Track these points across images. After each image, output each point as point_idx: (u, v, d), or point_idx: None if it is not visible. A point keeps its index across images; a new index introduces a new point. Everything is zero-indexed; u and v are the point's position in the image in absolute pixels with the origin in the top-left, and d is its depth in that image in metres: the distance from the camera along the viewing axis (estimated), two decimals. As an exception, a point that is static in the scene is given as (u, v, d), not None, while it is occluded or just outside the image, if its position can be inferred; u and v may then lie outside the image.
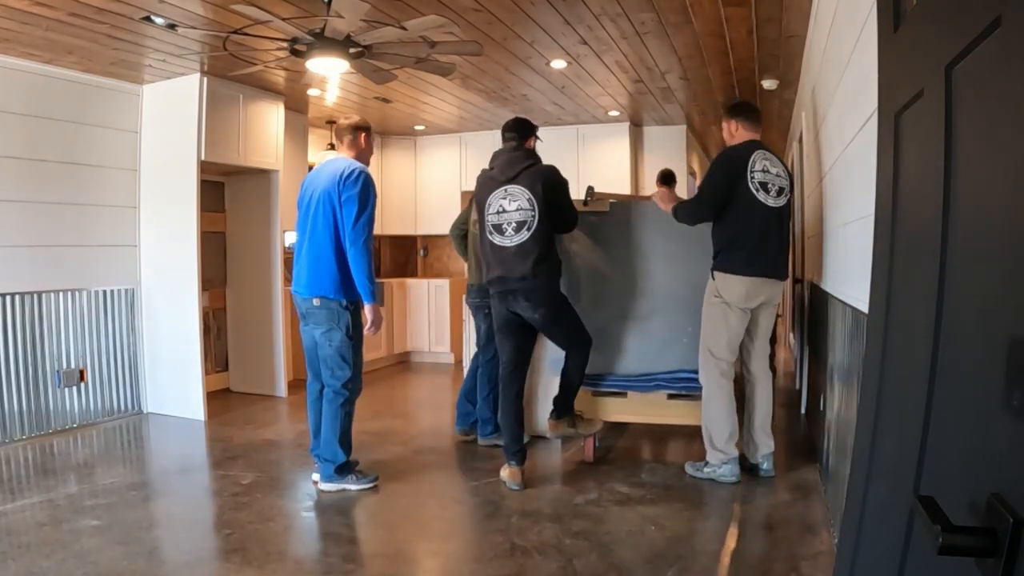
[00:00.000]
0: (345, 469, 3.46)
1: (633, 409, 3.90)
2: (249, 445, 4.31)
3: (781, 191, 3.42)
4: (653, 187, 6.38)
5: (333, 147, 3.78)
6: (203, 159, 4.95)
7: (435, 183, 7.74)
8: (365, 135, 3.55)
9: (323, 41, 3.44)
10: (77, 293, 4.77)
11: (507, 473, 3.51)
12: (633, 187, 6.98)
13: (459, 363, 7.00)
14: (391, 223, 7.77)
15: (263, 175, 5.70)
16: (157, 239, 5.11)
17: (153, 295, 5.16)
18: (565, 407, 3.67)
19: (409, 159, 7.83)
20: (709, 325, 3.50)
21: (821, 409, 3.53)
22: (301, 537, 3.06)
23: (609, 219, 3.96)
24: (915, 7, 1.08)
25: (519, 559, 2.68)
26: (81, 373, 4.80)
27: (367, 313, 3.42)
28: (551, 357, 4.02)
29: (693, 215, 3.52)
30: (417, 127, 7.33)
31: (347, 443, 3.47)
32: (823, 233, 3.62)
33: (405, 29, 3.34)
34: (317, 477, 3.52)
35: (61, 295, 4.67)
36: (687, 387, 3.75)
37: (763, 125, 6.95)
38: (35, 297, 4.51)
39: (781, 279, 3.52)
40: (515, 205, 3.41)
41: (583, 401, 3.85)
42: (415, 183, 7.86)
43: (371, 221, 3.38)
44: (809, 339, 4.51)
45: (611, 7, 3.73)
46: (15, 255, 4.39)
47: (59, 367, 4.66)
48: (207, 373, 5.32)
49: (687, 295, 3.79)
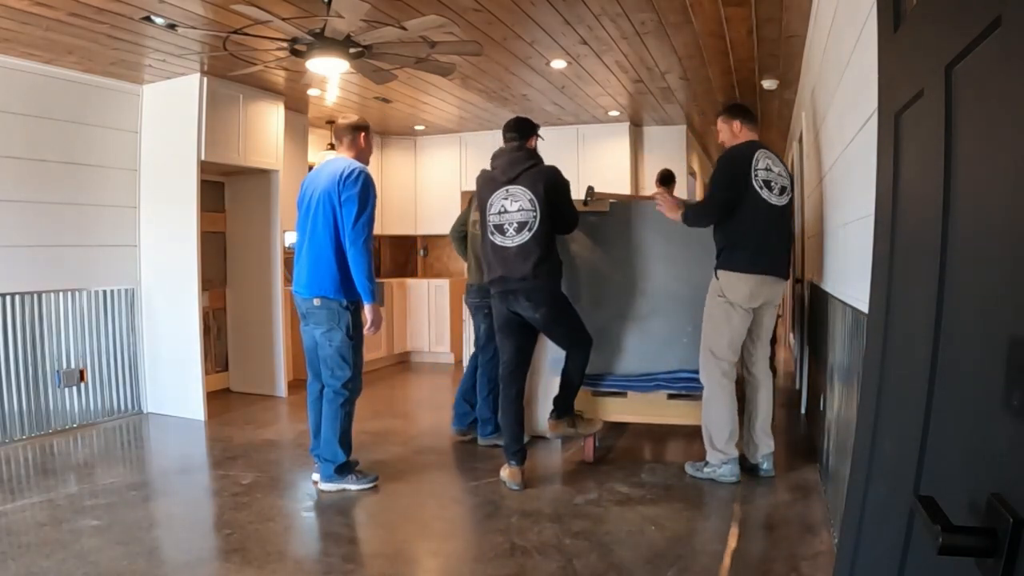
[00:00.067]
0: (345, 469, 3.46)
1: (633, 409, 3.90)
2: (249, 445, 4.31)
3: (783, 190, 3.43)
4: (653, 187, 6.39)
5: (333, 147, 3.79)
6: (203, 159, 4.96)
7: (435, 183, 7.74)
8: (364, 134, 3.55)
9: (323, 41, 3.44)
10: (77, 293, 4.77)
11: (507, 473, 3.51)
12: (633, 187, 6.98)
13: (459, 363, 7.01)
14: (391, 223, 7.77)
15: (263, 175, 5.70)
16: (157, 239, 5.11)
17: (153, 295, 5.16)
18: (565, 407, 3.67)
19: (409, 159, 7.83)
20: (711, 325, 3.49)
21: (821, 409, 3.53)
22: (301, 537, 3.06)
23: (609, 219, 3.96)
24: (915, 7, 1.08)
25: (519, 559, 2.68)
26: (81, 373, 4.80)
27: (367, 313, 3.42)
28: (551, 357, 4.02)
29: (705, 216, 3.49)
30: (417, 127, 7.33)
31: (347, 443, 3.47)
32: (823, 233, 3.62)
33: (405, 29, 3.34)
34: (317, 477, 3.52)
35: (61, 295, 4.67)
36: (687, 387, 3.76)
37: (763, 125, 7.03)
38: (35, 297, 4.51)
39: (784, 278, 3.52)
40: (516, 206, 3.41)
41: (583, 401, 3.85)
42: (415, 183, 7.86)
43: (371, 221, 3.38)
44: (809, 339, 4.51)
45: (611, 7, 3.74)
46: (15, 255, 4.40)
47: (59, 367, 4.66)
48: (207, 373, 5.32)
49: (687, 295, 3.80)
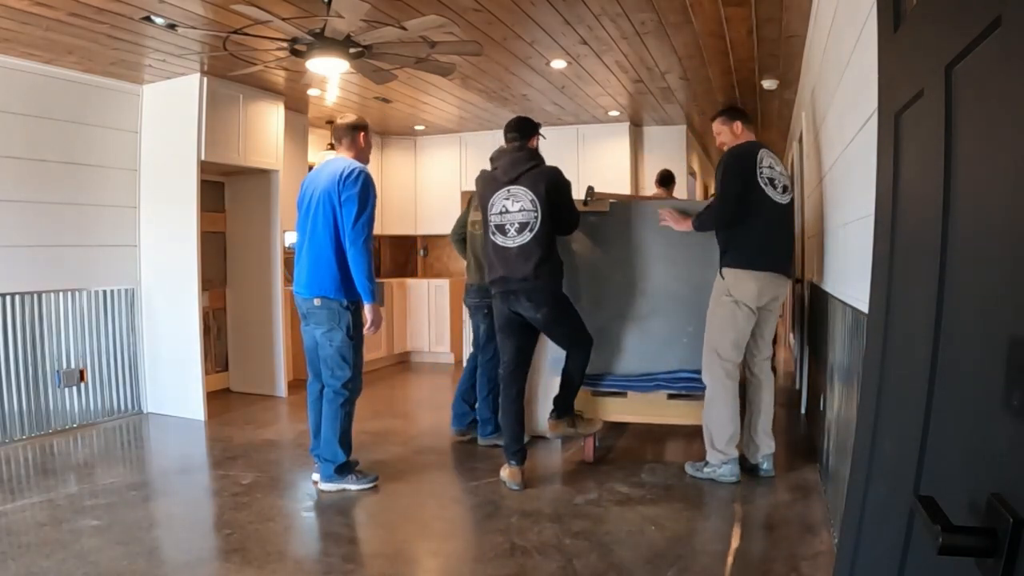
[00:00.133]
0: (345, 469, 3.46)
1: (633, 409, 3.90)
2: (249, 445, 4.31)
3: (785, 189, 3.45)
4: (653, 188, 6.38)
5: (333, 147, 3.79)
6: (203, 159, 4.95)
7: (435, 183, 7.74)
8: (364, 134, 3.55)
9: (323, 41, 3.44)
10: (77, 293, 4.77)
11: (507, 473, 3.51)
12: (633, 187, 6.98)
13: (459, 363, 7.00)
14: (391, 223, 7.77)
15: (263, 175, 5.70)
16: (157, 239, 5.11)
17: (153, 295, 5.16)
18: (565, 407, 3.67)
19: (409, 159, 7.83)
20: (716, 325, 3.46)
21: (821, 409, 3.53)
22: (301, 537, 3.06)
23: (609, 219, 3.96)
24: (915, 7, 1.08)
25: (519, 559, 2.68)
26: (81, 373, 4.80)
27: (367, 313, 3.42)
28: (551, 357, 4.02)
29: (719, 219, 3.42)
30: (417, 127, 7.33)
31: (347, 443, 3.47)
32: (823, 233, 3.62)
33: (405, 29, 3.34)
34: (317, 477, 3.52)
35: (61, 295, 4.67)
36: (687, 387, 3.76)
37: (763, 125, 7.03)
38: (35, 297, 4.51)
39: (789, 277, 3.52)
40: (518, 206, 3.41)
41: (583, 401, 3.85)
42: (415, 183, 7.86)
43: (371, 221, 3.38)
44: (809, 339, 4.51)
45: (611, 7, 3.73)
46: (15, 255, 4.40)
47: (59, 367, 4.66)
48: (207, 373, 5.32)
49: (687, 295, 3.80)
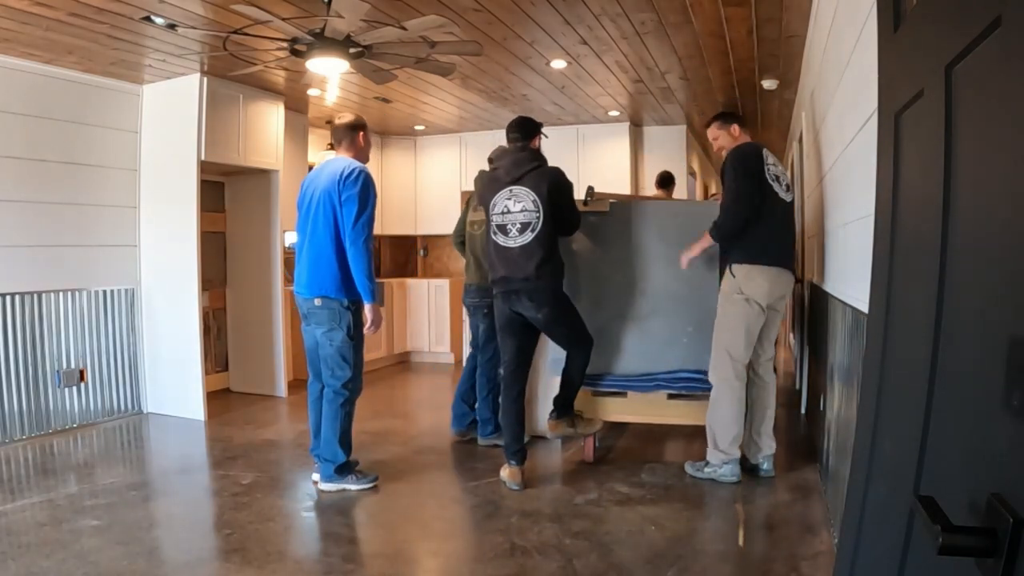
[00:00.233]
0: (345, 469, 3.46)
1: (633, 409, 3.90)
2: (249, 445, 4.31)
3: (788, 187, 3.47)
4: (653, 188, 6.38)
5: (332, 147, 3.78)
6: (203, 159, 4.95)
7: (435, 183, 7.74)
8: (363, 133, 3.55)
9: (323, 41, 3.44)
10: (77, 293, 4.77)
11: (507, 473, 3.51)
12: (633, 187, 6.98)
13: (459, 363, 7.00)
14: (391, 223, 7.77)
15: (263, 175, 5.70)
16: (157, 239, 5.11)
17: (153, 295, 5.16)
18: (565, 407, 3.67)
19: (409, 159, 7.83)
20: (728, 325, 3.43)
21: (821, 409, 3.53)
22: (301, 537, 3.06)
23: (609, 219, 3.96)
24: (915, 7, 1.08)
25: (519, 559, 2.68)
26: (81, 373, 4.80)
27: (367, 313, 3.42)
28: (551, 357, 4.02)
29: (737, 219, 3.32)
30: (417, 127, 7.33)
31: (347, 443, 3.47)
32: (823, 233, 3.62)
33: (405, 29, 3.34)
34: (317, 477, 3.52)
35: (61, 295, 4.67)
36: (687, 387, 3.76)
37: (763, 125, 7.03)
38: (35, 297, 4.51)
39: (795, 274, 3.52)
40: (520, 206, 3.41)
41: (583, 401, 3.85)
42: (415, 183, 7.86)
43: (371, 221, 3.38)
44: (809, 339, 4.51)
45: (611, 7, 3.73)
46: (15, 255, 4.40)
47: (59, 367, 4.66)
48: (207, 373, 5.32)
49: (687, 295, 3.80)
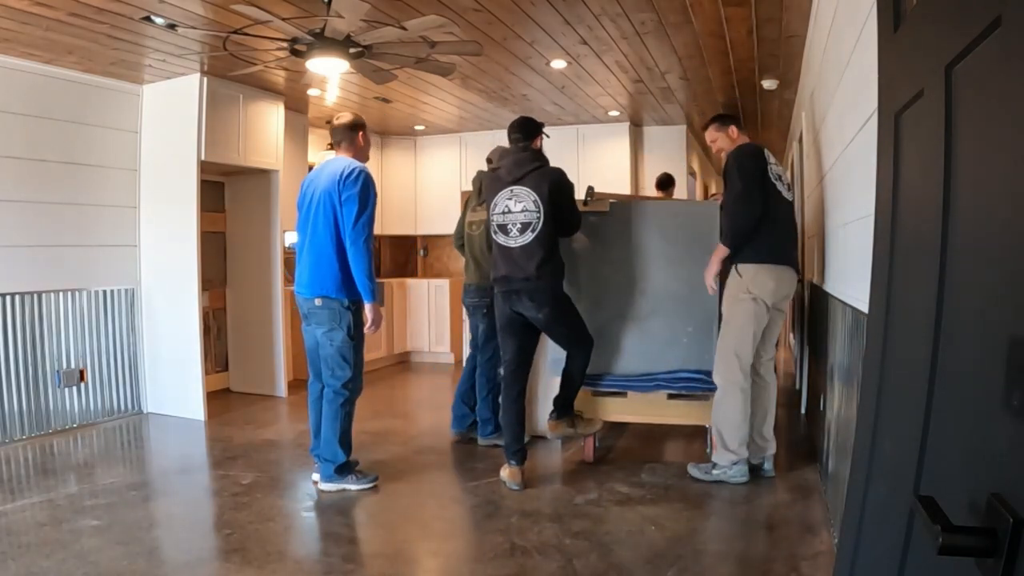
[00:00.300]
0: (345, 469, 3.46)
1: (633, 409, 3.90)
2: (249, 445, 4.31)
3: (789, 187, 3.47)
4: (652, 190, 6.38)
5: (332, 147, 3.77)
6: (203, 159, 4.95)
7: (435, 183, 7.73)
8: (362, 132, 3.54)
9: (323, 41, 3.44)
10: (77, 293, 4.77)
11: (507, 473, 3.51)
12: (633, 187, 6.98)
13: (459, 363, 7.00)
14: (391, 223, 7.77)
15: (263, 175, 5.70)
16: (157, 239, 5.11)
17: (153, 295, 5.15)
18: (565, 407, 3.67)
19: (409, 159, 7.83)
20: (736, 325, 3.41)
21: (821, 409, 3.53)
22: (301, 537, 3.06)
23: (609, 219, 3.96)
24: (915, 7, 1.08)
25: (519, 559, 2.68)
26: (81, 373, 4.80)
27: (368, 312, 3.42)
28: (551, 357, 4.02)
29: (749, 219, 3.28)
30: (417, 127, 7.33)
31: (347, 443, 3.47)
32: (823, 233, 3.62)
33: (405, 29, 3.34)
34: (317, 477, 3.52)
35: (61, 295, 4.67)
36: (687, 387, 3.76)
37: (763, 125, 7.03)
38: (35, 297, 4.51)
39: (799, 272, 3.52)
40: (520, 206, 3.42)
41: (583, 401, 3.85)
42: (415, 183, 7.86)
43: (371, 220, 3.38)
44: (809, 339, 4.51)
45: (611, 7, 3.73)
46: (15, 255, 4.39)
47: (59, 367, 4.66)
48: (207, 373, 5.32)
49: (687, 295, 3.80)
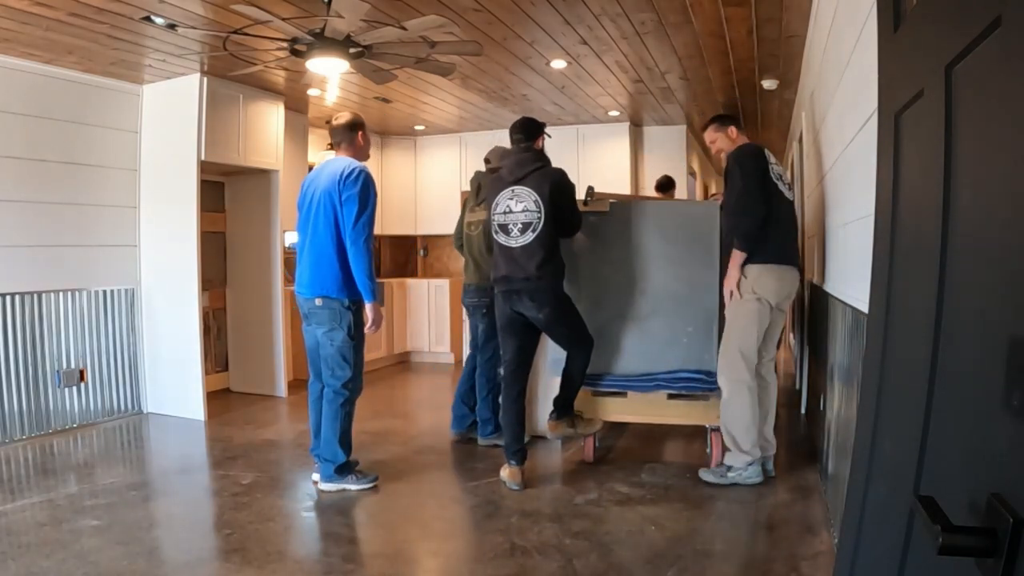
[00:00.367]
0: (345, 469, 3.46)
1: (633, 409, 3.90)
2: (249, 445, 4.31)
3: (789, 187, 3.47)
4: (652, 190, 6.38)
5: (332, 147, 3.77)
6: (203, 159, 4.95)
7: (435, 183, 7.73)
8: (362, 132, 3.54)
9: (323, 41, 3.44)
10: (77, 293, 4.77)
11: (507, 473, 3.51)
12: (633, 187, 6.98)
13: (459, 363, 7.00)
14: (391, 223, 7.77)
15: (263, 175, 5.70)
16: (157, 239, 5.11)
17: (153, 295, 5.15)
18: (565, 407, 3.67)
19: (409, 159, 7.83)
20: (741, 325, 3.40)
21: (821, 409, 3.53)
22: (301, 537, 3.06)
23: (609, 219, 3.96)
24: (915, 7, 1.08)
25: (519, 559, 2.68)
26: (81, 373, 4.80)
27: (368, 312, 3.42)
28: (551, 357, 4.02)
29: (755, 217, 3.28)
30: (417, 127, 7.33)
31: (347, 443, 3.47)
32: (823, 233, 3.62)
33: (405, 29, 3.34)
34: (317, 477, 3.52)
35: (61, 295, 4.67)
36: (687, 387, 3.76)
37: (763, 125, 7.03)
38: (35, 297, 4.51)
39: (801, 272, 3.52)
40: (521, 206, 3.42)
41: (583, 401, 3.85)
42: (415, 183, 7.86)
43: (371, 220, 3.38)
44: (809, 339, 4.51)
45: (611, 7, 3.73)
46: (15, 255, 4.39)
47: (59, 367, 4.66)
48: (207, 373, 5.32)
49: (687, 295, 3.80)
